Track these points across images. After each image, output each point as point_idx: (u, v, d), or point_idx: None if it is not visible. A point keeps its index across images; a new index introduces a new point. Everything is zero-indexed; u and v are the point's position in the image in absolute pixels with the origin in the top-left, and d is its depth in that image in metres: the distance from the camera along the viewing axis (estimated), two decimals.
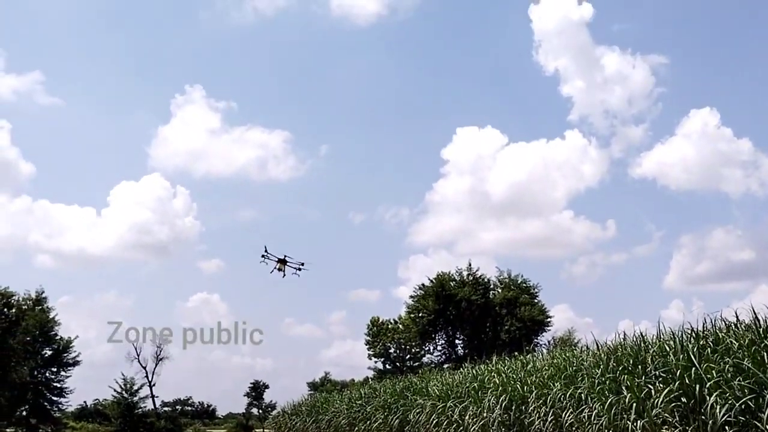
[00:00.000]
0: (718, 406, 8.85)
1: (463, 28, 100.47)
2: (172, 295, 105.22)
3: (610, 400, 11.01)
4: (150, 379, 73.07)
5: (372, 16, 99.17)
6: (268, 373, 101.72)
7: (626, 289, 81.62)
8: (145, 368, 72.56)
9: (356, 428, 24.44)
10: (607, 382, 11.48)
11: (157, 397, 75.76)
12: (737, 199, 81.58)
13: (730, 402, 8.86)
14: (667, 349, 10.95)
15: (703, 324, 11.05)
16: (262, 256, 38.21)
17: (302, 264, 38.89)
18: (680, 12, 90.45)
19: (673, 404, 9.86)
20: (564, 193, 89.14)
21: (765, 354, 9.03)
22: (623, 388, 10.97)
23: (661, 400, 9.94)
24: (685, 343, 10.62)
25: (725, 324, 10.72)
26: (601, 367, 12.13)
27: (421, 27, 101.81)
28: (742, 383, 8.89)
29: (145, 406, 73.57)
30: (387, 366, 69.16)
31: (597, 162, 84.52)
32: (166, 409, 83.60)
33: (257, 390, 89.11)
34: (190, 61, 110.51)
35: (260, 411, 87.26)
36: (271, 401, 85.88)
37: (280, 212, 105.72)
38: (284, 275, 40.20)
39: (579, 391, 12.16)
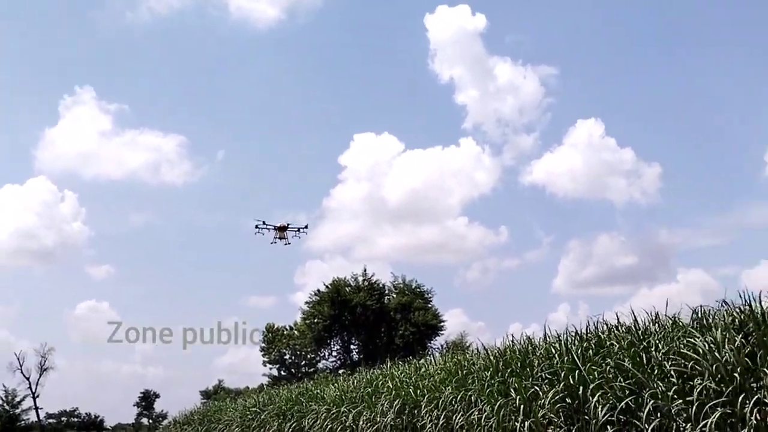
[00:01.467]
0: (600, 406, 9.18)
1: (360, 35, 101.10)
2: (58, 303, 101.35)
3: (499, 402, 11.24)
4: (33, 391, 70.40)
5: (271, 21, 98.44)
6: (160, 382, 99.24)
7: (517, 293, 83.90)
8: (28, 379, 69.86)
9: None
10: (497, 385, 11.72)
11: (41, 408, 73.11)
12: (621, 207, 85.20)
13: (611, 402, 9.20)
14: (553, 351, 11.30)
15: (587, 327, 11.49)
16: (256, 227, 36.84)
17: (306, 227, 37.84)
18: (569, 25, 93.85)
19: (558, 405, 10.15)
20: (459, 200, 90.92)
21: (644, 355, 9.42)
22: (512, 390, 11.22)
23: (547, 401, 10.24)
24: (569, 346, 11.00)
25: (607, 327, 11.14)
26: (491, 370, 12.37)
27: (320, 33, 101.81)
28: (623, 384, 9.25)
29: (28, 419, 70.89)
30: (282, 372, 68.78)
31: (490, 169, 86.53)
32: (50, 421, 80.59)
33: (147, 399, 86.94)
34: (81, 62, 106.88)
35: (150, 421, 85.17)
36: (162, 411, 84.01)
37: (174, 217, 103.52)
38: (287, 242, 38.62)
39: (469, 394, 12.37)
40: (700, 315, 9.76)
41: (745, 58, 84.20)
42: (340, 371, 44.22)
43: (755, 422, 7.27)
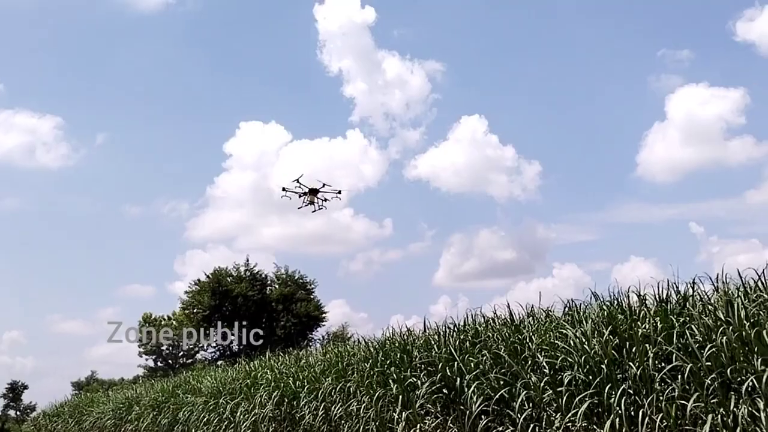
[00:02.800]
0: (475, 396, 9.39)
1: (249, 22, 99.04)
2: None
3: (377, 392, 11.35)
4: None
5: (158, 4, 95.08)
6: (29, 373, 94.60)
7: (400, 285, 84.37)
8: None
9: (123, 429, 23.50)
10: (376, 376, 11.81)
11: None
12: (502, 203, 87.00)
13: (486, 392, 9.42)
14: (432, 342, 11.47)
15: (465, 319, 11.72)
16: (283, 188, 34.15)
17: (339, 192, 35.31)
18: (456, 22, 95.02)
19: (435, 395, 10.33)
20: (345, 191, 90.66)
21: (518, 347, 9.69)
22: (390, 381, 11.33)
23: (424, 391, 10.39)
24: (447, 337, 11.19)
25: (484, 319, 11.40)
26: (371, 361, 12.45)
27: (208, 18, 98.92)
28: (498, 375, 9.49)
29: None
30: (159, 363, 67.39)
31: (376, 162, 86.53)
32: None
33: (15, 391, 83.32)
34: None
35: (18, 413, 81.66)
36: (30, 402, 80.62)
37: (49, 202, 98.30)
38: (317, 208, 35.10)
39: (349, 385, 12.42)
40: (571, 308, 10.12)
41: (622, 61, 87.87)
42: (219, 362, 43.65)
43: (621, 411, 7.58)
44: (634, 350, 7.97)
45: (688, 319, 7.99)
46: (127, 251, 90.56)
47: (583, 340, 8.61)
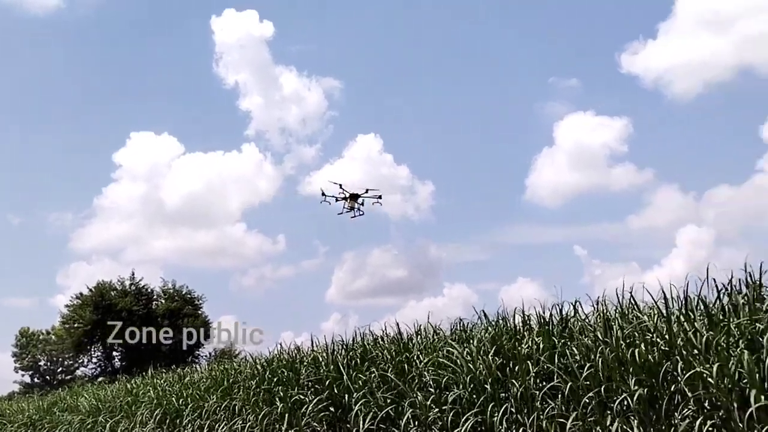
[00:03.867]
0: (362, 415, 9.39)
1: (143, 30, 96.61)
2: None
3: (263, 411, 11.21)
4: None
5: (49, 8, 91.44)
6: None
7: (292, 302, 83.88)
8: None
9: None
10: (262, 394, 11.67)
11: None
12: (396, 221, 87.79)
13: (373, 411, 9.43)
14: (320, 360, 11.43)
15: (353, 336, 11.73)
16: (323, 194, 32.84)
17: (380, 197, 34.03)
18: (355, 41, 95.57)
19: (322, 413, 10.28)
20: (238, 206, 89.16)
21: (406, 366, 9.75)
22: (277, 399, 11.22)
23: (311, 409, 10.33)
24: (335, 355, 11.17)
25: (373, 336, 11.44)
26: (257, 378, 12.30)
27: (101, 25, 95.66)
28: (386, 394, 9.52)
29: None
30: (36, 380, 64.78)
31: (271, 178, 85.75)
32: None
33: None
34: None
35: None
36: None
37: None
38: (357, 214, 33.69)
39: (234, 403, 12.24)
40: (459, 328, 10.26)
41: (514, 87, 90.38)
42: (100, 379, 42.22)
43: (503, 430, 7.72)
44: (517, 369, 8.15)
45: (569, 339, 8.23)
46: (6, 262, 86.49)
47: (469, 359, 8.74)
